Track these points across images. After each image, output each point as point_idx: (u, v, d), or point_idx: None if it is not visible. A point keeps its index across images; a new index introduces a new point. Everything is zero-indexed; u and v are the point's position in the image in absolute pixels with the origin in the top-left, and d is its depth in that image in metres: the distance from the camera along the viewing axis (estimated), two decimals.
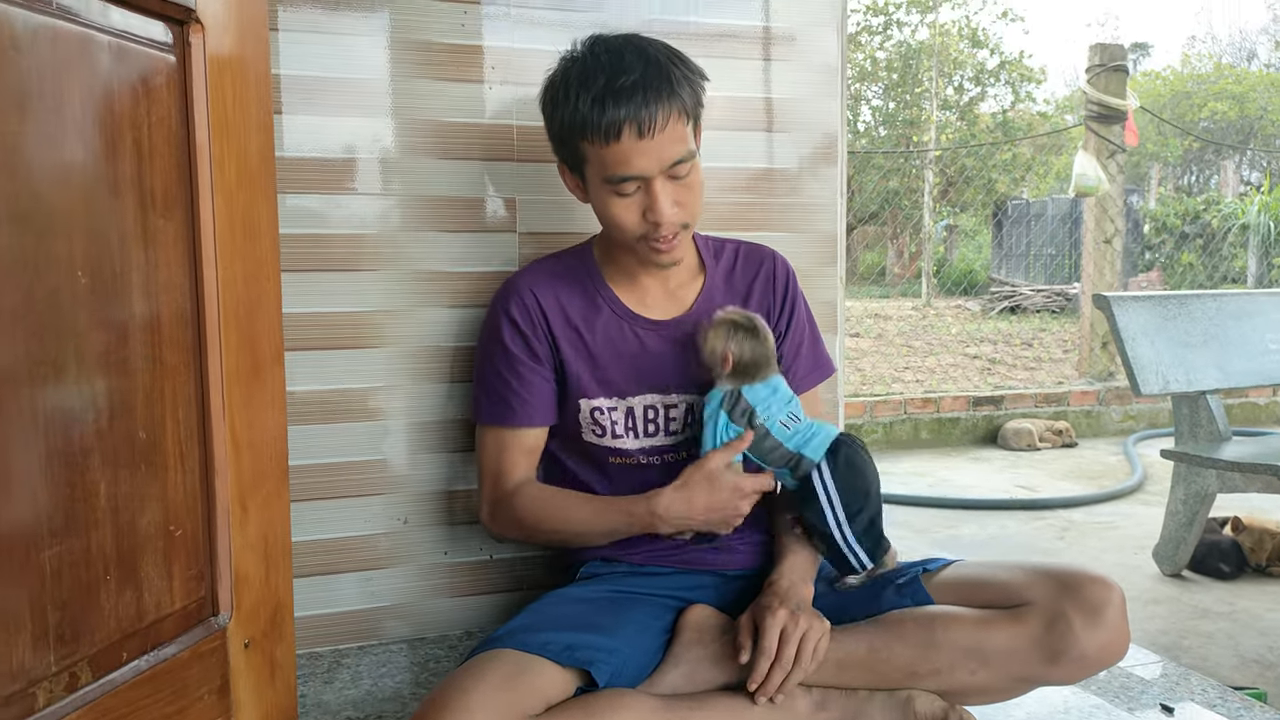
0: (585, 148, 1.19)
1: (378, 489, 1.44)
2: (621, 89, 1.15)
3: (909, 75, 17.41)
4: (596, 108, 1.15)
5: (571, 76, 1.19)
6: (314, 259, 1.39)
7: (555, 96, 1.21)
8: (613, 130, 1.15)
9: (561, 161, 1.27)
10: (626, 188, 1.19)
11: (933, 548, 3.16)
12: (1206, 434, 2.73)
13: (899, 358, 7.89)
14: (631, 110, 1.14)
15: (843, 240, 1.66)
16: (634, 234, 1.22)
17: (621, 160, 1.17)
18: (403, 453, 1.45)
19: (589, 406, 1.31)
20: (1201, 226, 12.19)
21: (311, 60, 1.37)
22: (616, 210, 1.21)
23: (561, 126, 1.20)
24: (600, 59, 1.18)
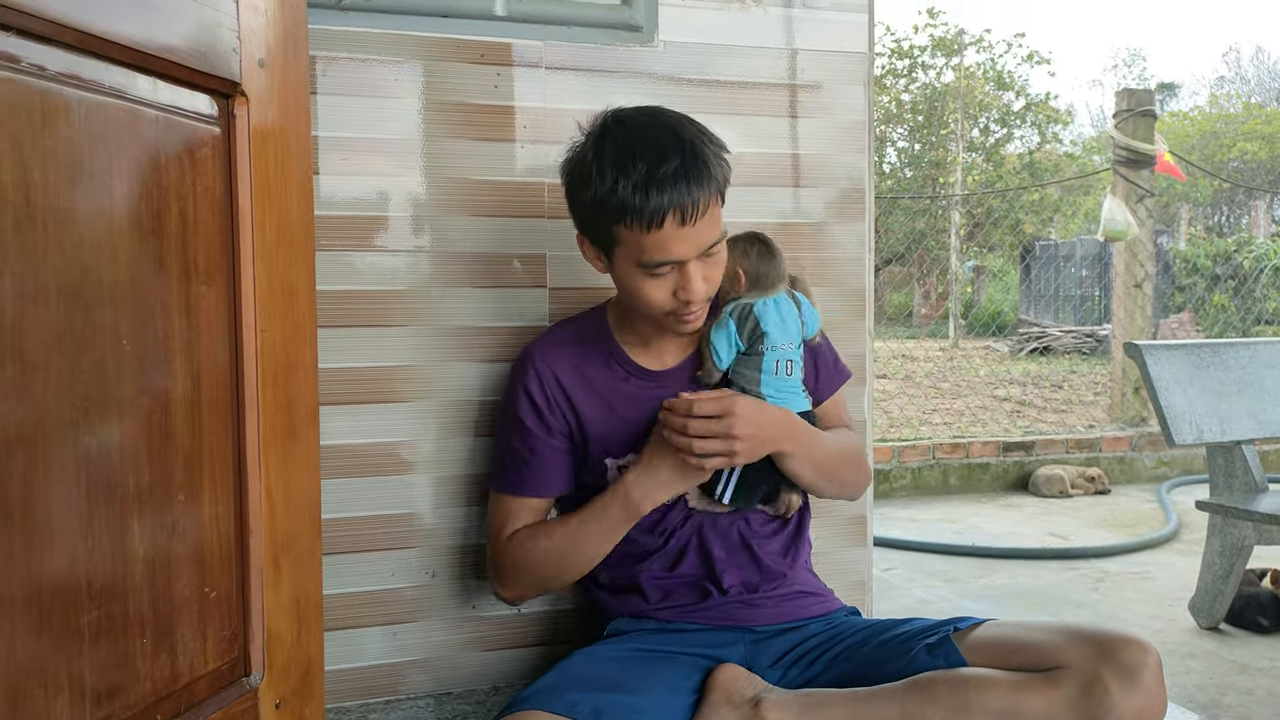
0: (620, 231, 1.19)
1: (406, 542, 1.45)
2: (664, 177, 1.15)
3: (934, 117, 17.49)
4: (639, 195, 1.15)
5: (605, 158, 1.18)
6: (347, 315, 1.41)
7: (587, 176, 1.19)
8: (656, 219, 1.15)
9: (584, 235, 1.27)
10: (662, 270, 1.20)
11: (965, 598, 3.12)
12: (1242, 485, 2.68)
13: (927, 400, 7.84)
14: (675, 198, 1.15)
15: (871, 294, 1.66)
16: (662, 310, 1.24)
17: (661, 247, 1.17)
18: (431, 506, 1.46)
19: (615, 465, 1.32)
20: (1233, 268, 12.07)
21: (348, 122, 1.40)
22: (648, 290, 1.22)
23: (594, 208, 1.20)
24: (636, 141, 1.17)
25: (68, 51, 0.73)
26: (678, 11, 1.54)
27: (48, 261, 0.71)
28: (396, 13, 1.41)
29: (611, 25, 1.51)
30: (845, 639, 1.30)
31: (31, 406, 0.69)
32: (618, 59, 1.52)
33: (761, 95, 1.59)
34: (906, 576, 3.38)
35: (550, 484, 1.34)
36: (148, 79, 0.83)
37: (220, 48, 0.90)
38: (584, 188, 1.20)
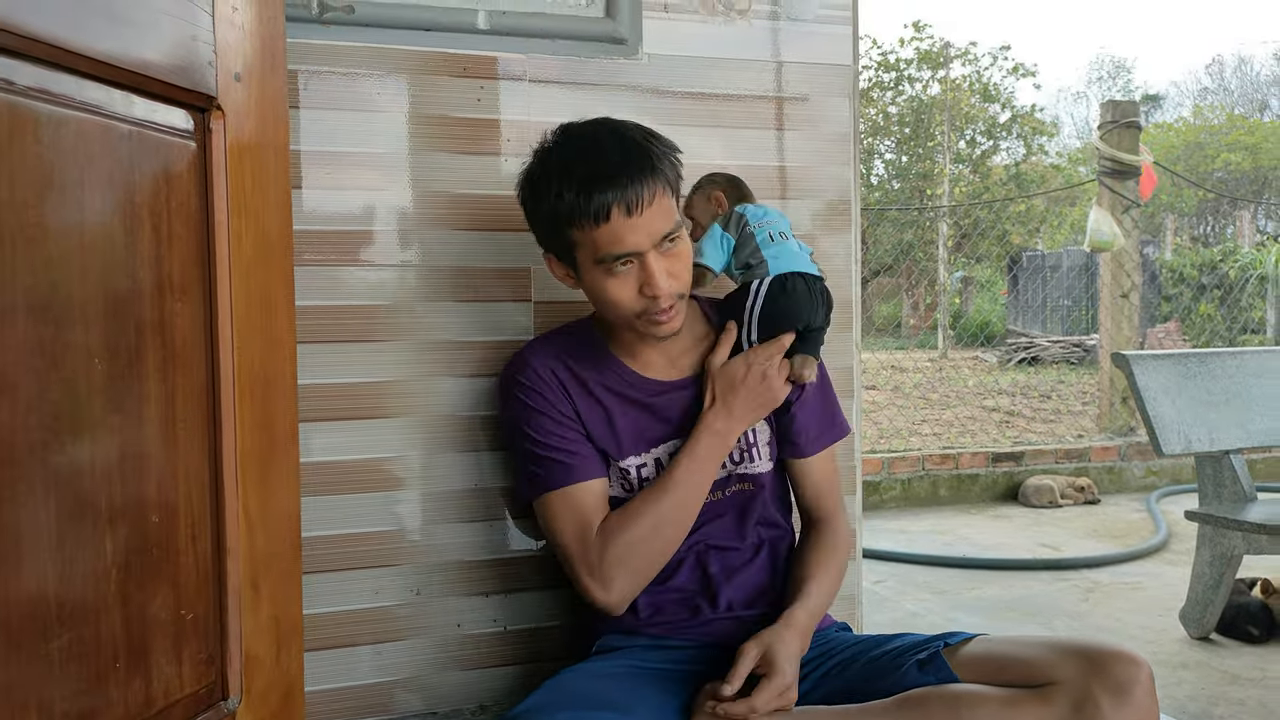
0: (574, 234, 1.20)
1: (390, 560, 1.43)
2: (603, 173, 1.18)
3: (921, 129, 17.58)
4: (583, 194, 1.17)
5: (551, 168, 1.21)
6: (330, 330, 1.40)
7: (537, 190, 1.23)
8: (602, 212, 1.17)
9: (549, 252, 1.28)
10: (620, 266, 1.20)
11: (955, 610, 3.11)
12: (1231, 494, 2.68)
13: (916, 410, 7.85)
14: (617, 191, 1.17)
15: (858, 305, 1.65)
16: (632, 310, 1.23)
17: (614, 240, 1.18)
18: (416, 523, 1.44)
19: (617, 467, 1.31)
20: (1219, 277, 12.15)
21: (331, 136, 1.39)
22: (612, 290, 1.22)
23: (547, 218, 1.23)
24: (576, 147, 1.21)
25: (38, 66, 0.72)
26: (662, 24, 1.54)
27: (16, 280, 0.69)
28: (379, 26, 1.40)
29: (595, 38, 1.51)
30: (835, 655, 1.29)
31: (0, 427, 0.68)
32: (602, 72, 1.52)
33: (746, 108, 1.59)
34: (896, 589, 3.37)
35: (593, 464, 1.30)
36: (122, 94, 0.81)
37: (196, 62, 0.89)
38: (537, 201, 1.23)
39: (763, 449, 1.36)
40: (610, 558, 1.24)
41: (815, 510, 1.41)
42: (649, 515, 1.26)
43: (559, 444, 1.29)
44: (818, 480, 1.41)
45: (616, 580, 1.25)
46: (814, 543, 1.37)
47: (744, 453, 1.35)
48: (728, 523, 1.35)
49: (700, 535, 1.33)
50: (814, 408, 1.40)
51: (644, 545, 1.25)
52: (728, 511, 1.35)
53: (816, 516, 1.41)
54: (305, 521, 1.37)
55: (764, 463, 1.36)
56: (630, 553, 1.25)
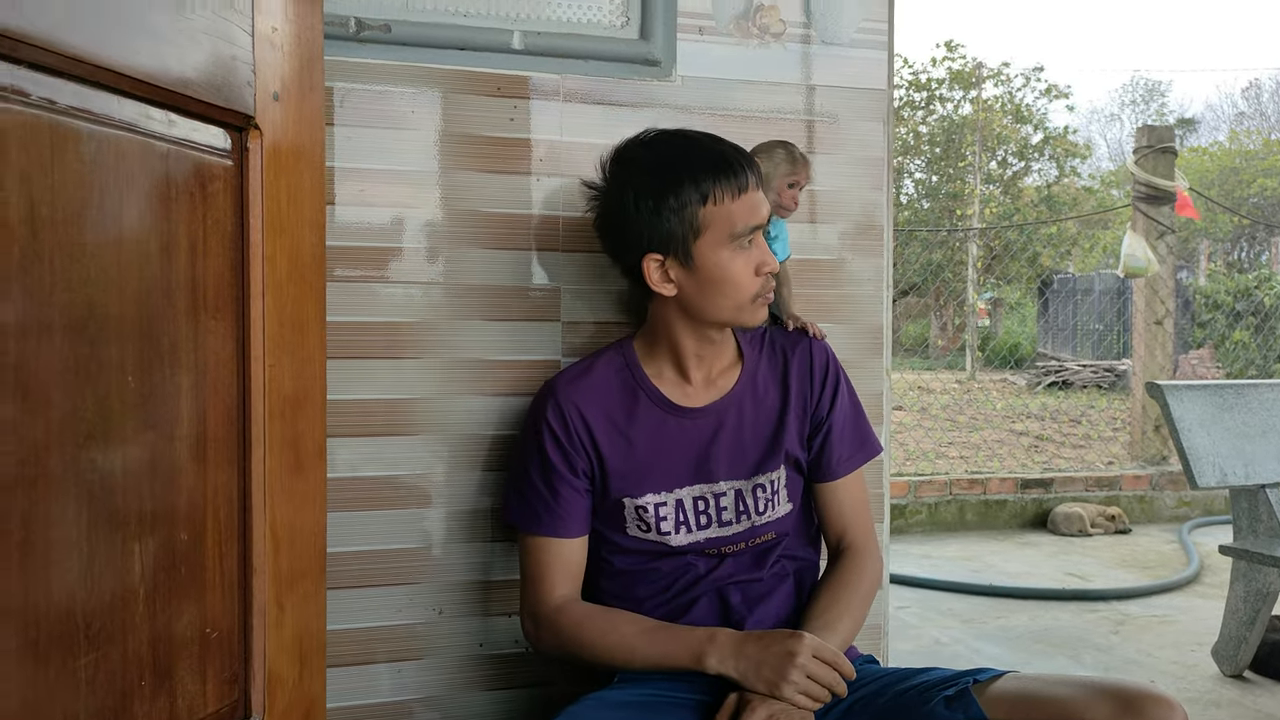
0: (707, 215, 1.22)
1: (413, 578, 1.43)
2: (726, 151, 1.24)
3: (952, 149, 17.51)
4: (723, 170, 1.21)
5: (672, 160, 1.23)
6: (359, 346, 1.40)
7: (658, 183, 1.23)
8: (745, 182, 1.22)
9: (654, 254, 1.25)
10: (748, 241, 1.24)
11: (981, 639, 3.06)
12: (1267, 529, 2.63)
13: (943, 433, 7.78)
14: (746, 162, 1.24)
15: (889, 331, 1.64)
16: (750, 293, 1.26)
17: (752, 209, 1.23)
18: (440, 540, 1.44)
19: (633, 505, 1.30)
20: (1254, 304, 11.98)
21: (364, 153, 1.40)
22: (738, 269, 1.24)
23: (675, 209, 1.22)
24: (686, 141, 1.26)
25: (79, 84, 0.73)
26: (696, 46, 1.54)
27: (53, 297, 0.69)
28: (414, 45, 1.41)
29: (629, 59, 1.51)
30: (861, 688, 1.27)
31: (33, 443, 0.68)
32: (635, 93, 1.52)
33: (779, 130, 1.58)
34: (921, 615, 3.33)
35: (570, 526, 1.31)
36: (161, 112, 0.82)
37: (234, 81, 0.89)
38: (658, 198, 1.22)
39: (781, 492, 1.35)
40: (551, 637, 1.30)
41: (844, 538, 1.39)
42: (606, 638, 1.26)
43: (548, 497, 1.30)
44: (848, 506, 1.39)
45: (545, 648, 1.32)
46: (841, 572, 1.35)
47: (767, 502, 1.34)
48: (746, 562, 1.34)
49: (719, 574, 1.32)
50: (846, 426, 1.39)
51: (584, 651, 1.28)
52: (747, 555, 1.34)
53: (845, 544, 1.39)
54: (329, 537, 1.37)
55: (783, 505, 1.35)
56: (569, 646, 1.29)
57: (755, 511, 1.33)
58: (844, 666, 1.17)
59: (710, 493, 1.32)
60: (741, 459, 1.33)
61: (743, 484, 1.33)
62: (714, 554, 1.32)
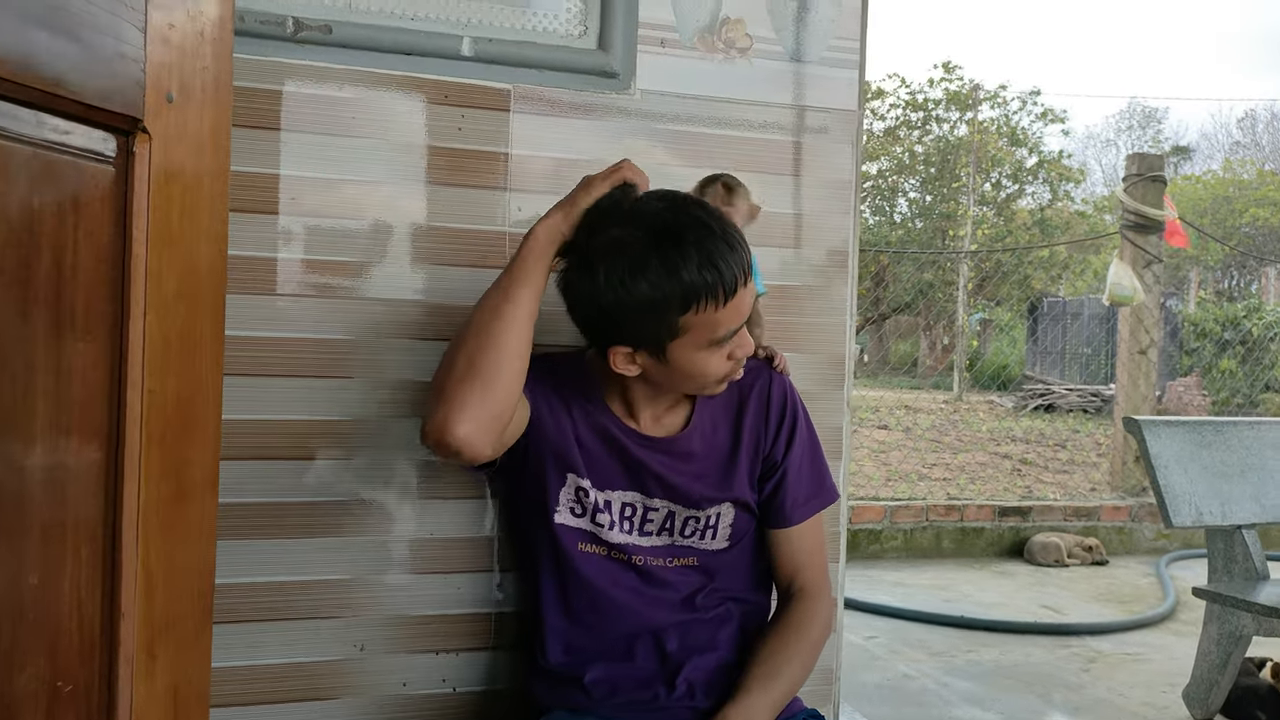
0: (688, 319, 1.10)
1: (332, 611, 1.35)
2: (719, 246, 1.09)
3: (947, 170, 17.52)
4: (708, 272, 1.07)
5: (648, 251, 1.08)
6: (287, 363, 1.32)
7: (634, 273, 1.08)
8: (732, 285, 1.09)
9: (623, 347, 1.14)
10: (730, 340, 1.14)
11: (950, 674, 2.99)
12: (1242, 571, 2.57)
13: (928, 453, 7.72)
14: (738, 259, 1.10)
15: (851, 362, 1.57)
16: (719, 377, 1.18)
17: (732, 314, 1.12)
18: (363, 571, 1.36)
19: (574, 484, 1.23)
20: (1242, 333, 11.99)
21: (301, 160, 1.32)
22: (713, 366, 1.15)
23: (651, 304, 1.08)
24: (668, 221, 1.09)
25: None
26: (657, 59, 1.47)
27: None
28: (356, 48, 1.34)
29: (586, 70, 1.44)
30: None
31: None
32: (592, 105, 1.45)
33: (743, 150, 1.51)
34: (889, 647, 3.26)
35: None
36: (29, 112, 0.74)
37: (121, 80, 0.82)
38: (629, 291, 1.08)
39: (722, 530, 1.27)
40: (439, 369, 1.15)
41: (794, 583, 1.32)
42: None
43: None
44: (801, 551, 1.32)
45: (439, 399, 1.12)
46: (789, 617, 1.28)
47: (697, 531, 1.26)
48: (680, 597, 1.26)
49: (655, 612, 1.24)
50: (803, 469, 1.32)
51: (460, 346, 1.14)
52: (678, 586, 1.27)
53: (795, 590, 1.31)
54: (235, 567, 1.30)
55: (719, 541, 1.28)
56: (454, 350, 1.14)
57: (679, 533, 1.26)
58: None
59: (641, 504, 1.25)
60: (685, 489, 1.26)
61: (678, 509, 1.26)
62: (640, 564, 1.25)
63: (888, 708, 2.67)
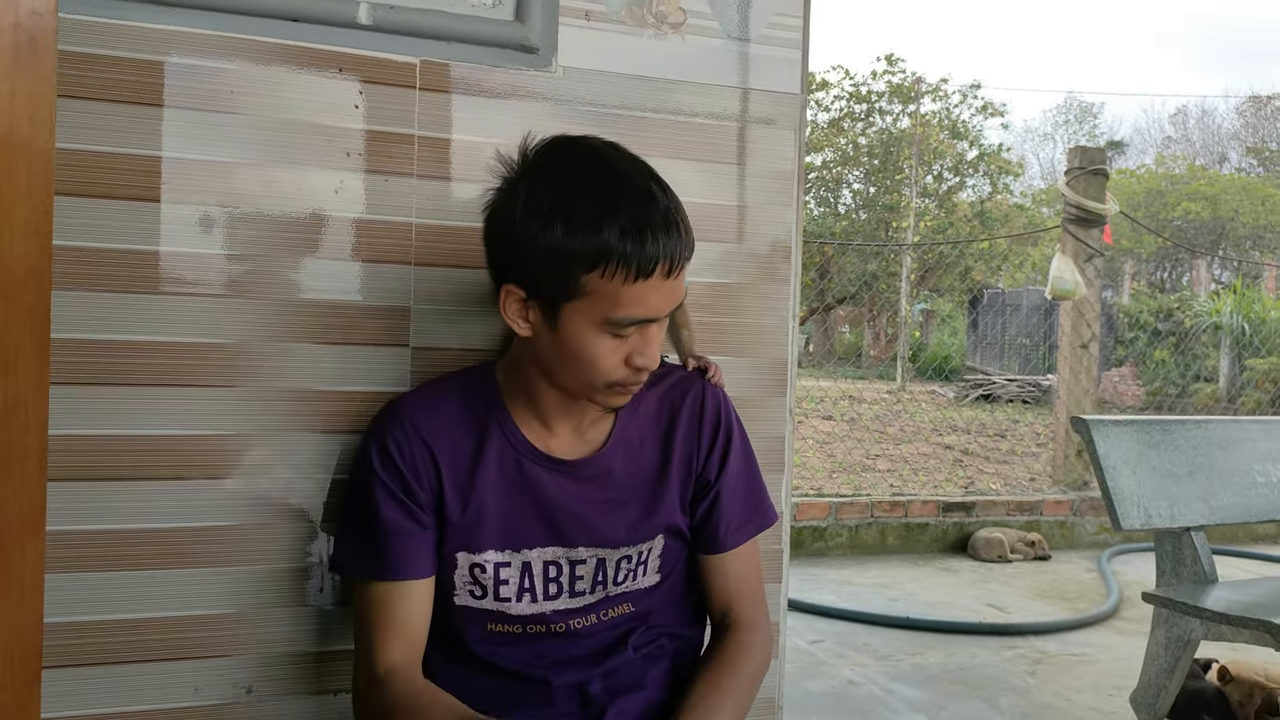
0: (591, 281, 0.98)
1: (215, 650, 1.19)
2: (657, 219, 0.98)
3: (890, 162, 17.62)
4: (631, 240, 0.96)
5: (580, 191, 0.98)
6: (151, 371, 1.16)
7: (552, 212, 0.98)
8: (647, 267, 0.97)
9: (518, 286, 1.03)
10: (626, 330, 1.00)
11: (896, 680, 2.91)
12: (1191, 574, 2.51)
13: (873, 444, 7.71)
14: (670, 246, 0.98)
15: (793, 366, 1.45)
16: (608, 380, 1.04)
17: (639, 301, 0.99)
18: (251, 606, 1.21)
19: (469, 563, 1.09)
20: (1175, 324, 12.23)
21: (168, 139, 1.16)
22: (601, 355, 1.01)
23: (559, 251, 0.98)
24: (619, 177, 1.00)
25: None
26: (582, 33, 1.33)
27: None
28: (234, 12, 1.17)
29: (501, 44, 1.29)
30: None
31: None
32: (508, 84, 1.30)
33: (676, 136, 1.38)
34: (834, 650, 3.17)
35: (414, 565, 1.09)
36: None
37: None
38: (546, 225, 0.98)
39: (653, 562, 1.15)
40: (366, 707, 1.10)
41: (729, 614, 1.19)
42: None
43: (390, 531, 1.08)
44: (736, 579, 1.20)
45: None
46: (721, 657, 1.16)
47: (629, 573, 1.14)
48: (604, 640, 1.14)
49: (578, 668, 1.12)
50: (738, 491, 1.19)
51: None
52: (608, 635, 1.14)
53: (730, 621, 1.19)
54: (95, 600, 1.14)
55: (647, 577, 1.15)
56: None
57: (613, 581, 1.13)
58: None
59: (566, 559, 1.12)
60: (610, 527, 1.13)
61: (608, 554, 1.12)
62: (561, 630, 1.12)
63: (832, 718, 2.58)
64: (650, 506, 1.14)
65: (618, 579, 1.13)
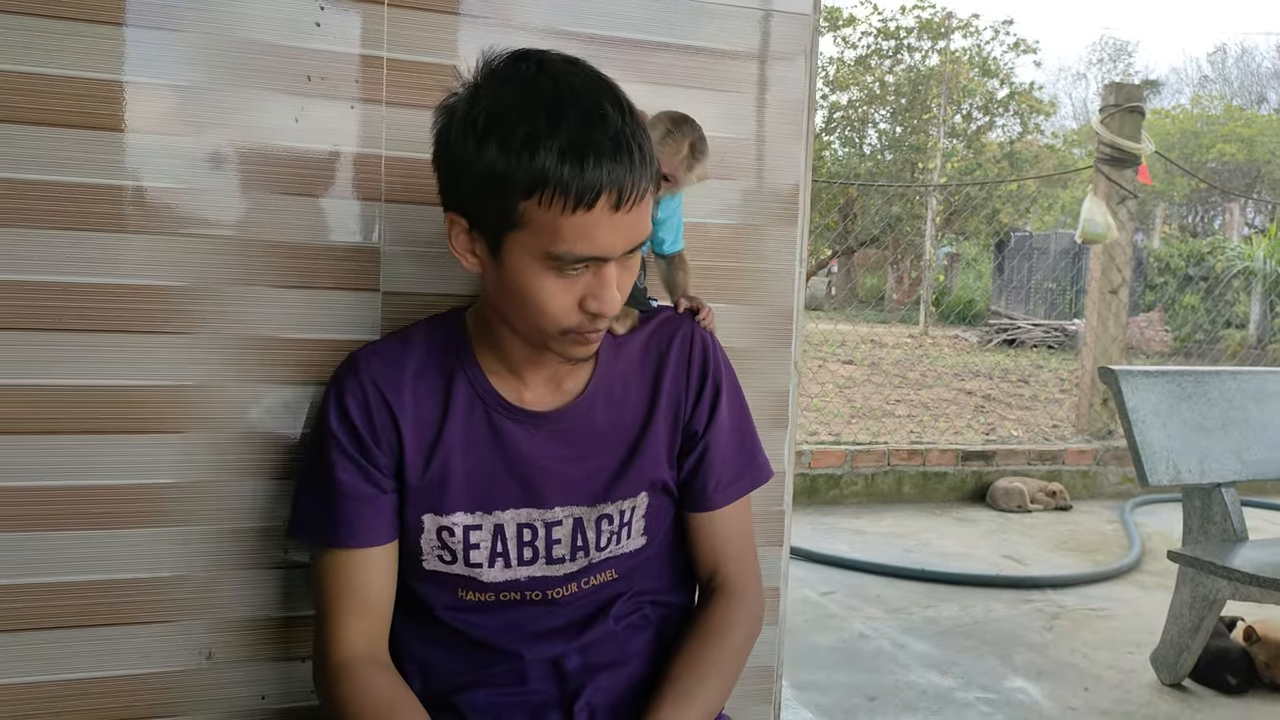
0: (528, 209, 0.86)
1: (172, 614, 1.12)
2: (603, 143, 0.84)
3: (917, 101, 17.16)
4: (568, 163, 0.84)
5: (519, 107, 0.86)
6: (98, 316, 1.07)
7: (488, 129, 0.86)
8: (586, 195, 0.84)
9: (461, 214, 0.92)
10: (572, 269, 0.88)
11: (907, 634, 2.84)
12: (1220, 532, 2.41)
13: (892, 389, 7.60)
14: (616, 172, 0.85)
15: (800, 316, 1.34)
16: (560, 326, 0.92)
17: (583, 235, 0.86)
18: (210, 567, 1.13)
19: (435, 525, 1.01)
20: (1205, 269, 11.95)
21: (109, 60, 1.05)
22: (547, 295, 0.90)
23: (493, 174, 0.86)
24: (563, 91, 0.86)
25: None
26: None
27: None
28: None
29: None
30: None
31: None
32: (486, 2, 1.18)
33: (671, 59, 1.26)
34: (846, 603, 3.10)
35: (374, 532, 1.00)
36: None
37: None
38: (480, 145, 0.87)
39: (635, 524, 1.06)
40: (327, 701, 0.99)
41: (716, 576, 1.11)
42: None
43: (346, 495, 0.99)
44: (725, 539, 1.10)
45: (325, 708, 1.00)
46: (707, 624, 1.07)
47: (612, 535, 1.04)
48: (584, 609, 1.05)
49: (556, 640, 1.03)
50: (729, 443, 1.10)
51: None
52: (589, 604, 1.05)
53: (717, 584, 1.10)
54: (49, 563, 1.07)
55: (633, 539, 1.06)
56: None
57: (595, 546, 1.04)
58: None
59: (541, 520, 1.02)
60: (587, 482, 1.03)
61: (585, 512, 1.03)
62: (538, 599, 1.03)
63: (841, 674, 2.52)
64: (633, 460, 1.04)
65: (600, 543, 1.04)
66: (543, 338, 0.95)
